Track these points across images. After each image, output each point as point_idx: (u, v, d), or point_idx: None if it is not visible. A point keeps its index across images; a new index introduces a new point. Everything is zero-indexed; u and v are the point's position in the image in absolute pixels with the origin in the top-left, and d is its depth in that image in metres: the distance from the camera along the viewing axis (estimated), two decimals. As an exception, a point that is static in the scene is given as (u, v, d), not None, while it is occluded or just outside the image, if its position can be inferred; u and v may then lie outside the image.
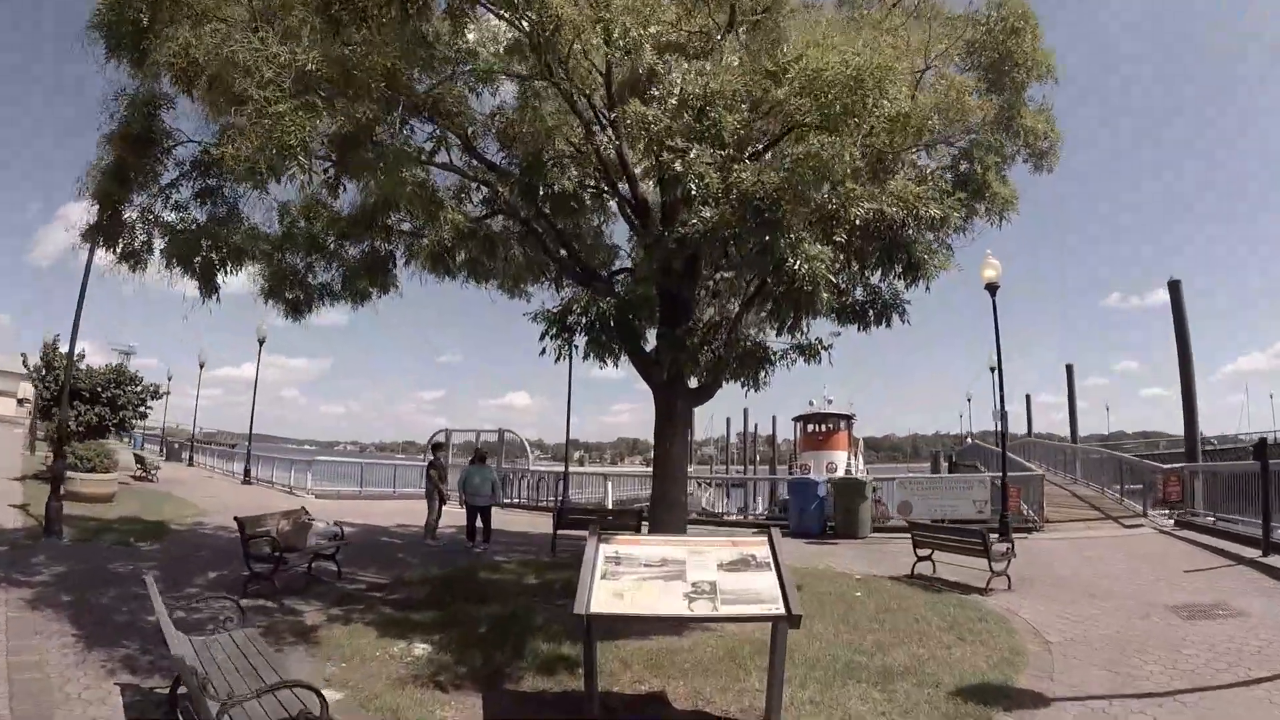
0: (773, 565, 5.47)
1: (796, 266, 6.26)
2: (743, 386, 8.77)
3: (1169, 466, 16.79)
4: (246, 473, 27.90)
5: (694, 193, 6.31)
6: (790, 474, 36.67)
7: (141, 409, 26.04)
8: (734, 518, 22.41)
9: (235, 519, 9.65)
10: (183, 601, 8.37)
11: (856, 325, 8.85)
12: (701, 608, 5.15)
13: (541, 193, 7.96)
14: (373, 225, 9.80)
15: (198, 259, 8.97)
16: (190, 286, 9.91)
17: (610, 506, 21.68)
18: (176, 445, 41.96)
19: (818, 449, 34.82)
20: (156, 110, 8.72)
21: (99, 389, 23.95)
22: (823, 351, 8.53)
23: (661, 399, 9.14)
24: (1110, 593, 9.63)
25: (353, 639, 7.52)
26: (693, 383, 9.44)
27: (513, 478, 24.62)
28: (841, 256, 7.32)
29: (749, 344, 8.61)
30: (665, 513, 9.03)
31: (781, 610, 4.97)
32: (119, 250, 9.92)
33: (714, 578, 5.41)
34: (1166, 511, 15.77)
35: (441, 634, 7.69)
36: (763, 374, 8.49)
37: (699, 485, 30.67)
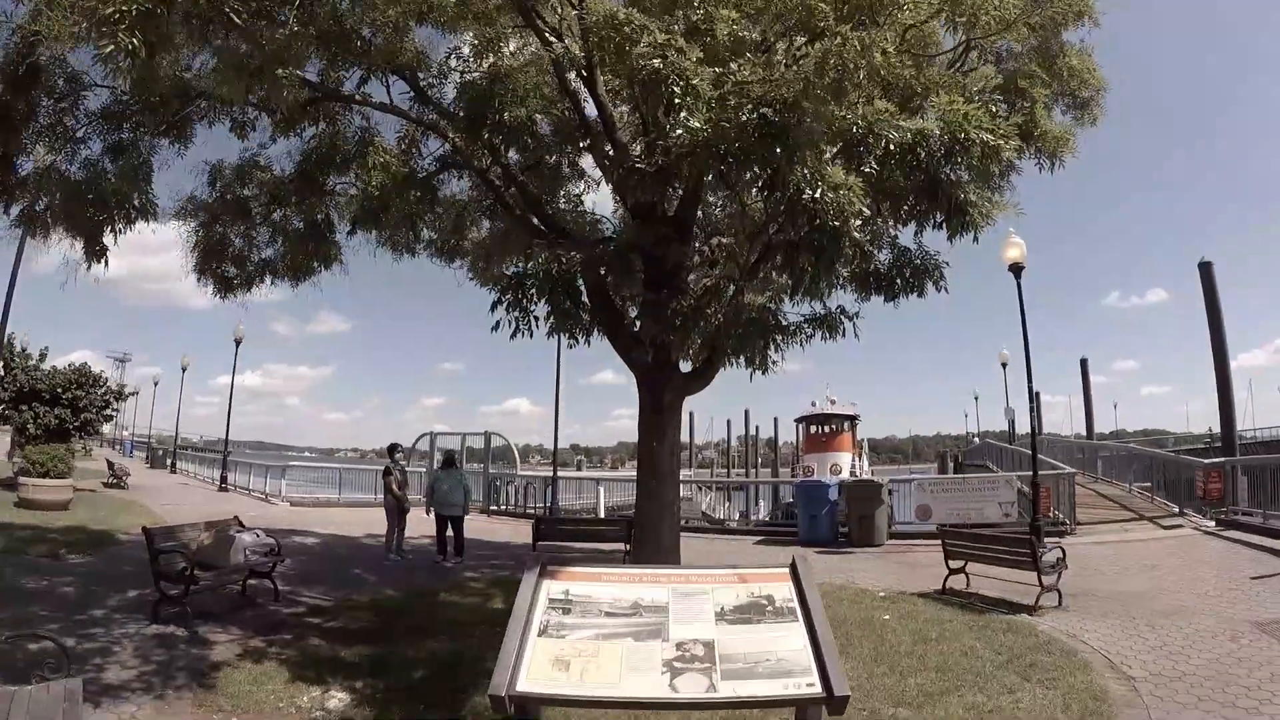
0: (800, 613, 3.75)
1: (819, 195, 4.70)
2: (746, 366, 7.13)
3: (1209, 461, 15.27)
4: (223, 480, 26.53)
5: (676, 97, 4.72)
6: (793, 476, 35.30)
7: (106, 412, 24.61)
8: (735, 524, 20.81)
9: (143, 529, 8.14)
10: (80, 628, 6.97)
11: (883, 295, 7.25)
12: (691, 686, 3.36)
13: (490, 122, 6.24)
14: (305, 183, 8.29)
15: (88, 213, 7.43)
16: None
17: (602, 514, 20.15)
18: (161, 452, 40.70)
19: (822, 451, 33.63)
20: (36, 37, 7.26)
21: (59, 390, 22.45)
22: (846, 323, 6.97)
23: (647, 387, 7.44)
24: (1181, 608, 8.08)
25: (258, 684, 5.93)
26: (685, 366, 7.89)
27: (499, 484, 23.10)
28: (870, 201, 5.69)
29: (755, 312, 6.88)
30: (650, 531, 7.28)
31: (818, 689, 3.29)
32: (11, 213, 8.51)
33: (711, 634, 3.63)
34: (1206, 511, 14.23)
35: (368, 679, 6.11)
36: (772, 350, 6.84)
37: (698, 490, 29.15)
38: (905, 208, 6.21)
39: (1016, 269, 14.27)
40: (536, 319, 6.93)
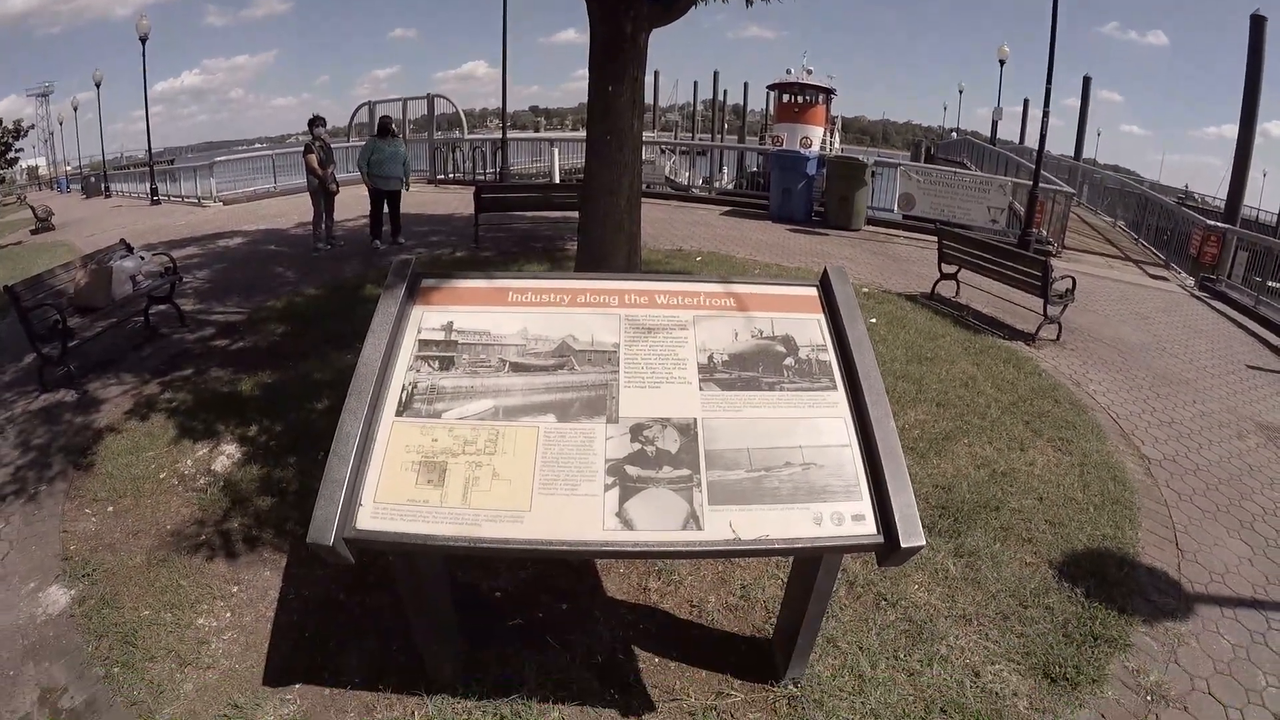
0: (841, 374, 2.37)
1: None
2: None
3: (1213, 224, 13.70)
4: (153, 193, 23.65)
5: None
6: (761, 144, 33.63)
7: (9, 155, 21.40)
8: (700, 190, 19.33)
9: (4, 288, 6.34)
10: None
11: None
12: (656, 518, 2.02)
13: None
14: None
15: None
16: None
17: (556, 180, 18.38)
18: (93, 179, 36.89)
19: (793, 121, 31.59)
20: None
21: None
22: None
23: (601, 12, 5.20)
24: (1183, 380, 7.12)
25: (139, 452, 4.85)
26: None
27: (445, 150, 21.06)
28: None
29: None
30: (602, 201, 5.41)
31: (871, 529, 2.05)
32: None
33: (693, 410, 2.25)
34: (1196, 273, 12.90)
35: (264, 420, 5.10)
36: None
37: (661, 151, 27.24)
38: None
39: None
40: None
